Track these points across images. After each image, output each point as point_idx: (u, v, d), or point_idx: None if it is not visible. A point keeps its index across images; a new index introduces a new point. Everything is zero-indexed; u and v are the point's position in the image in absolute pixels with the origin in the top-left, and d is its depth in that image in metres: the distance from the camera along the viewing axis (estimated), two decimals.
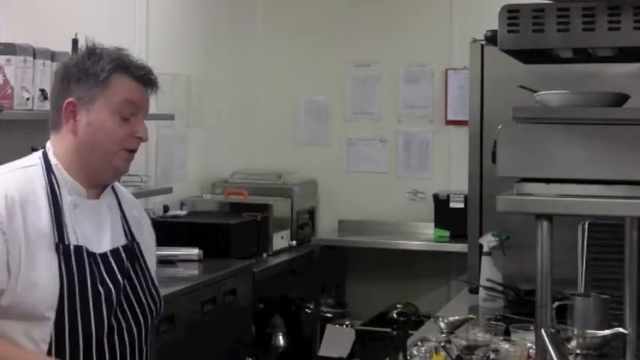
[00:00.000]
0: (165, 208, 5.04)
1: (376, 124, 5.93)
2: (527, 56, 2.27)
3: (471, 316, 3.08)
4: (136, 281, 2.24)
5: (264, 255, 5.09)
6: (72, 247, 2.12)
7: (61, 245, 2.11)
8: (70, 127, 2.20)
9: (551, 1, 2.00)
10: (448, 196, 5.41)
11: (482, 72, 3.90)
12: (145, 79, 2.23)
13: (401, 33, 5.84)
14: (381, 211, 5.85)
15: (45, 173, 2.19)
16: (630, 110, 1.98)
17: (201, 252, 4.54)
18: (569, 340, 2.63)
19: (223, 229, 4.76)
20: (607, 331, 2.59)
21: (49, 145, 2.27)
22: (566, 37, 1.98)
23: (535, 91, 2.13)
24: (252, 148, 6.12)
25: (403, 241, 5.52)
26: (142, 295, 2.25)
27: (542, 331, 1.94)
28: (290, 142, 6.05)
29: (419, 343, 2.71)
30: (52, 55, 3.81)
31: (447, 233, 5.42)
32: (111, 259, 2.19)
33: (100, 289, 2.13)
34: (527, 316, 3.07)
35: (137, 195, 4.64)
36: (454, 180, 5.63)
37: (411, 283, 5.64)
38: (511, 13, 2.02)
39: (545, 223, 1.92)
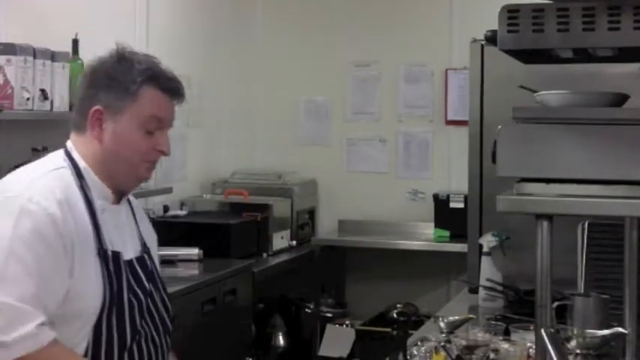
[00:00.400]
0: (165, 208, 5.04)
1: (376, 124, 5.93)
2: (527, 56, 2.27)
3: (471, 316, 3.08)
4: (152, 288, 2.25)
5: (264, 255, 5.08)
6: (110, 253, 2.11)
7: (102, 250, 2.10)
8: (96, 134, 2.17)
9: (551, 1, 2.00)
10: (448, 196, 5.40)
11: (482, 72, 3.90)
12: (174, 91, 2.21)
13: (401, 33, 5.84)
14: (381, 211, 5.85)
15: (75, 176, 2.15)
16: (630, 110, 1.98)
17: (201, 252, 4.54)
18: (569, 340, 2.63)
19: (223, 229, 4.76)
20: (607, 331, 2.59)
21: (70, 145, 2.21)
22: (566, 37, 1.98)
23: (535, 91, 2.13)
24: (252, 148, 6.12)
25: (403, 241, 5.52)
26: (158, 301, 2.26)
27: (542, 331, 1.94)
28: (290, 142, 6.04)
29: (419, 343, 2.71)
30: (52, 55, 3.81)
31: (447, 233, 5.41)
32: (137, 266, 2.20)
33: (132, 296, 2.13)
34: (527, 316, 3.07)
35: (137, 195, 4.64)
36: (454, 180, 5.62)
37: (411, 283, 5.63)
38: (511, 13, 2.02)
39: (545, 223, 1.92)
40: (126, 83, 2.15)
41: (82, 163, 2.16)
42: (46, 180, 2.09)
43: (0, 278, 1.96)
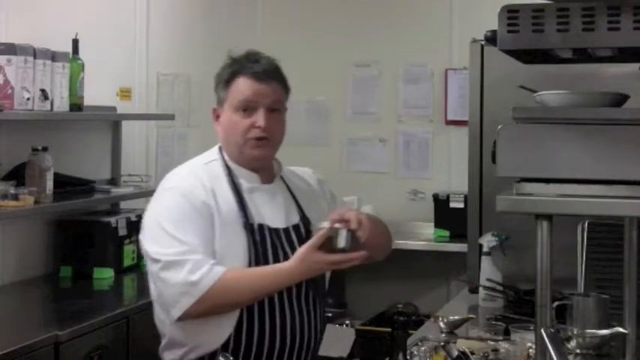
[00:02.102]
0: None
1: (376, 124, 5.93)
2: (527, 56, 2.27)
3: (471, 315, 3.09)
4: None
5: None
6: (256, 226, 2.52)
7: (248, 224, 2.51)
8: (216, 127, 2.67)
9: (550, 1, 2.00)
10: (448, 196, 5.40)
11: (482, 72, 3.90)
12: (260, 75, 2.62)
13: (401, 33, 5.83)
14: (381, 211, 5.84)
15: (224, 167, 2.61)
16: (630, 110, 1.98)
17: None
18: (569, 340, 2.63)
19: None
20: (606, 331, 2.59)
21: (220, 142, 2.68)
22: (565, 37, 1.98)
23: (535, 91, 2.13)
24: None
25: (403, 241, 5.50)
26: None
27: (542, 331, 1.94)
28: (290, 142, 6.02)
29: (419, 343, 2.71)
30: (52, 55, 3.81)
31: (447, 233, 5.41)
32: (292, 233, 2.59)
33: (281, 259, 2.51)
34: (527, 316, 3.07)
35: (137, 195, 4.66)
36: (454, 180, 5.62)
37: (411, 283, 5.63)
38: (511, 13, 2.02)
39: (545, 223, 1.92)
40: (223, 78, 2.63)
41: (226, 156, 2.64)
42: (195, 172, 2.59)
43: (177, 246, 2.42)
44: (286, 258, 2.50)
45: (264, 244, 2.52)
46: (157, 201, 2.57)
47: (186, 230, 2.45)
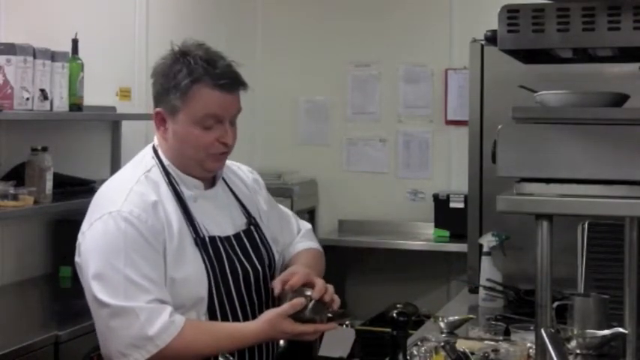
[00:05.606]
0: None
1: (376, 124, 5.94)
2: (527, 56, 2.27)
3: (471, 316, 3.09)
4: (257, 259, 2.39)
5: None
6: (207, 239, 2.29)
7: (199, 239, 2.26)
8: (161, 133, 2.33)
9: (551, 1, 2.00)
10: (448, 196, 5.41)
11: (482, 72, 3.90)
12: (227, 86, 2.27)
13: (401, 33, 5.84)
14: (381, 211, 5.85)
15: (163, 174, 2.32)
16: (630, 110, 1.98)
17: None
18: (569, 340, 2.64)
19: None
20: (607, 331, 2.60)
21: (156, 142, 2.37)
22: (566, 37, 1.98)
23: (535, 91, 2.13)
24: (252, 147, 6.12)
25: (403, 241, 5.52)
26: (267, 270, 2.41)
27: (542, 331, 1.94)
28: (290, 142, 6.04)
29: (419, 343, 2.71)
30: (52, 55, 3.81)
31: (446, 233, 5.42)
32: (244, 237, 2.38)
33: (235, 271, 2.31)
34: (527, 316, 3.07)
35: None
36: (454, 180, 5.63)
37: (411, 283, 5.63)
38: (511, 13, 2.02)
39: (545, 223, 1.92)
40: (177, 85, 2.25)
41: (166, 161, 2.32)
42: (139, 188, 2.26)
43: (127, 286, 2.15)
44: (242, 266, 2.33)
45: (219, 257, 2.29)
46: (96, 227, 2.24)
47: (135, 265, 2.16)
